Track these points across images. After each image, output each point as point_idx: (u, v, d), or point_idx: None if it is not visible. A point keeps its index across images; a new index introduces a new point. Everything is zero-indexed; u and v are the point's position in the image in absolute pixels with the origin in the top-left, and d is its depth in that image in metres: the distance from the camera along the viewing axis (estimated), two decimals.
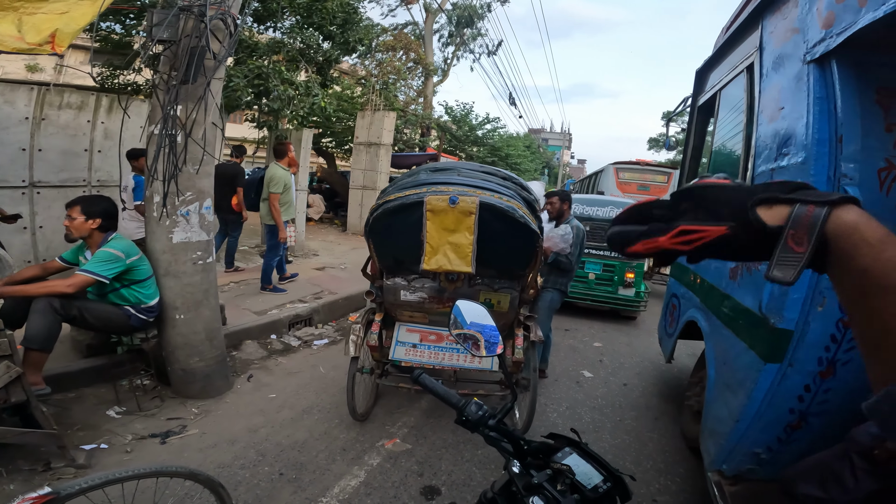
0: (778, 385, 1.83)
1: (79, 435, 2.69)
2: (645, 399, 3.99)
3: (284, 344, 4.44)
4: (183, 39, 2.92)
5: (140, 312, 2.98)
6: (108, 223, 2.94)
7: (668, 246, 0.45)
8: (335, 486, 2.50)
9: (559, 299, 3.89)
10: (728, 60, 2.98)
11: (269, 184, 5.22)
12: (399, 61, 17.81)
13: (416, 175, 2.82)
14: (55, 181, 4.74)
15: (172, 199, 3.02)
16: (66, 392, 3.03)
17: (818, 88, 1.76)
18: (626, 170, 11.67)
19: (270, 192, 5.19)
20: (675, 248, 0.45)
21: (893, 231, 0.39)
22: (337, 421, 3.15)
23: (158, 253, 3.12)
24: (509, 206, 2.50)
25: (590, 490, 0.90)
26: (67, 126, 4.81)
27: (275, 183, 5.22)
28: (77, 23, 2.98)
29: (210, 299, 3.30)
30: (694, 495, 2.66)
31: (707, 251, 0.45)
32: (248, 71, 6.39)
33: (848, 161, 1.69)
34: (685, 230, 0.44)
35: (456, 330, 1.21)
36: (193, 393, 3.26)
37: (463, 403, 1.05)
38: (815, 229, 0.38)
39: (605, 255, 6.16)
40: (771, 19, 2.30)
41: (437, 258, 2.52)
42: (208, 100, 2.99)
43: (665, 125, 5.55)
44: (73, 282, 2.71)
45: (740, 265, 2.27)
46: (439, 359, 3.05)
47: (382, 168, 10.33)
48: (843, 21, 1.62)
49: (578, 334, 5.72)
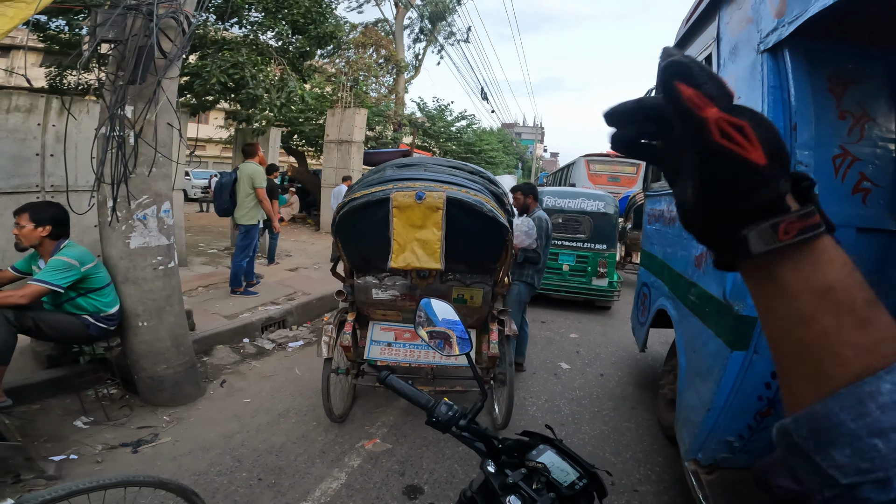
0: (745, 373, 1.87)
1: (46, 446, 2.61)
2: (621, 389, 4.07)
3: (258, 347, 4.35)
4: (130, 39, 2.80)
5: (99, 321, 2.86)
6: (59, 230, 2.81)
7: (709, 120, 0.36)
8: (316, 490, 2.47)
9: (527, 291, 3.89)
10: (688, 52, 3.03)
11: (254, 179, 5.21)
12: (370, 58, 17.61)
13: (382, 171, 2.78)
14: (6, 188, 4.51)
15: (126, 203, 2.91)
16: (29, 404, 2.92)
17: (772, 77, 1.80)
18: (597, 162, 11.86)
19: (256, 188, 5.21)
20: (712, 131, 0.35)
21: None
22: (315, 423, 3.10)
23: (115, 259, 3.00)
24: (477, 200, 2.49)
25: (566, 487, 0.90)
26: (16, 130, 4.57)
27: (258, 177, 5.25)
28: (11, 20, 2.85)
29: (174, 305, 3.20)
30: (673, 484, 2.72)
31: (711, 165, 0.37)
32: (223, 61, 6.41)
33: (803, 149, 1.74)
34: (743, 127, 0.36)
35: (427, 328, 1.19)
36: (163, 400, 3.16)
37: (432, 404, 1.03)
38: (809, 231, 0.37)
39: (579, 246, 6.25)
40: (727, 9, 2.34)
41: (405, 255, 2.49)
42: (161, 99, 2.88)
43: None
44: (25, 292, 2.59)
45: (704, 253, 2.32)
46: (415, 357, 3.03)
47: (354, 166, 10.22)
48: (795, 10, 1.65)
49: (554, 326, 5.79)
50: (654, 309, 3.36)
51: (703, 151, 0.37)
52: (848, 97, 1.77)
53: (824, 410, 0.35)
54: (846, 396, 0.34)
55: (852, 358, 0.35)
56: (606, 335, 5.60)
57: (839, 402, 0.34)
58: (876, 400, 0.33)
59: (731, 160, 0.36)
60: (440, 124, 18.49)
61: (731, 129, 0.36)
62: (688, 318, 2.51)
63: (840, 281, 0.37)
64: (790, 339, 0.39)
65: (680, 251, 2.79)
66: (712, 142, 0.36)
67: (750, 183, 0.37)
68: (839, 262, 0.37)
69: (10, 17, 2.80)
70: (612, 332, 5.75)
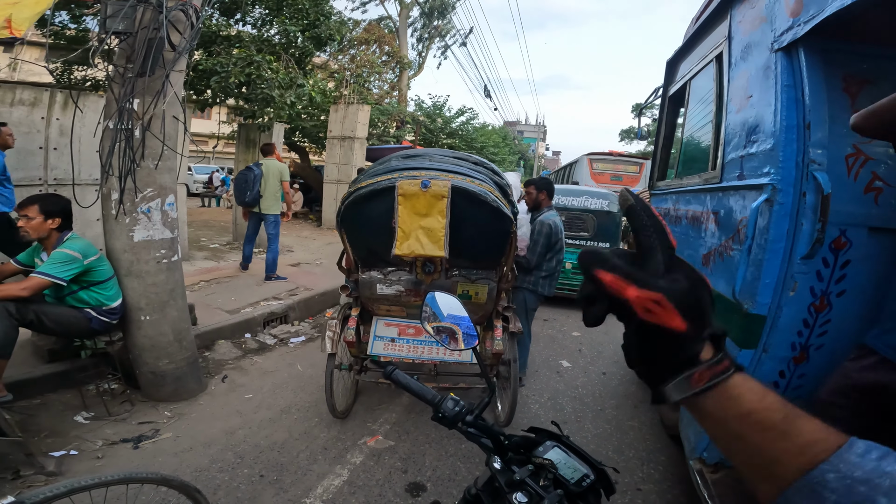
0: (753, 371, 1.85)
1: (46, 442, 2.60)
2: (624, 387, 4.05)
3: (260, 343, 4.34)
4: (140, 31, 2.79)
5: (102, 315, 2.85)
6: (66, 223, 2.81)
7: (630, 300, 0.43)
8: (318, 487, 2.46)
9: (533, 299, 3.69)
10: (698, 50, 3.01)
11: (283, 173, 5.91)
12: (373, 55, 17.56)
13: (387, 162, 2.78)
14: None
15: (131, 196, 2.90)
16: (30, 399, 2.91)
17: (786, 76, 1.78)
18: (600, 160, 11.83)
19: (283, 181, 5.91)
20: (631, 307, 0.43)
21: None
22: (317, 420, 3.09)
23: (119, 252, 2.99)
24: (481, 189, 2.48)
25: (573, 484, 0.88)
26: (21, 123, 4.58)
27: (286, 172, 5.99)
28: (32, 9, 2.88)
29: (177, 299, 3.19)
30: (677, 483, 2.71)
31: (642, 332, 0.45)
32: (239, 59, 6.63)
33: (816, 147, 1.71)
34: (662, 302, 0.42)
35: (433, 323, 1.17)
36: (165, 396, 3.16)
37: (438, 399, 1.01)
38: (721, 376, 0.45)
39: (582, 244, 6.23)
40: (739, 8, 2.32)
41: (409, 243, 2.49)
42: (168, 92, 2.87)
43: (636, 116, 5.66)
44: (27, 285, 2.58)
45: (712, 252, 2.30)
46: (419, 352, 3.02)
47: (357, 162, 10.20)
48: (811, 9, 1.63)
49: (556, 324, 5.78)
50: None
51: (633, 324, 0.46)
52: (863, 97, 1.75)
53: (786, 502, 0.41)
54: (801, 488, 0.40)
55: (791, 459, 0.41)
56: (609, 333, 5.57)
57: (797, 493, 0.40)
58: (826, 487, 0.38)
59: (656, 330, 0.44)
60: (439, 121, 18.42)
61: (651, 304, 0.43)
62: None
63: (755, 406, 0.44)
64: (736, 451, 0.46)
65: (686, 249, 2.77)
66: (637, 318, 0.44)
67: (671, 347, 0.45)
68: (752, 392, 0.45)
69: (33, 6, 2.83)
70: (613, 330, 5.71)
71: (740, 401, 0.44)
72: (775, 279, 1.76)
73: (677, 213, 3.07)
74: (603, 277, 0.44)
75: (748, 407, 0.44)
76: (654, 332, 0.44)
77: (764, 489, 0.45)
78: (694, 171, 2.90)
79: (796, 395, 1.87)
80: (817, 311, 1.76)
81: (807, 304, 1.76)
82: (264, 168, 5.77)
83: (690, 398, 0.45)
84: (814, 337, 1.79)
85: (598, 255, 0.45)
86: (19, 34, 2.86)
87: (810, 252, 1.70)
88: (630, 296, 0.43)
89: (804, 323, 1.78)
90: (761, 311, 1.80)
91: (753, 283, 1.81)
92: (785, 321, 1.78)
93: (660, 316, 0.43)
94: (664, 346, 0.45)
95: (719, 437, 0.47)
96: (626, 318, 0.46)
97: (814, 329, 1.78)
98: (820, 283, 1.74)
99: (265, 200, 5.78)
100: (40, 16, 2.97)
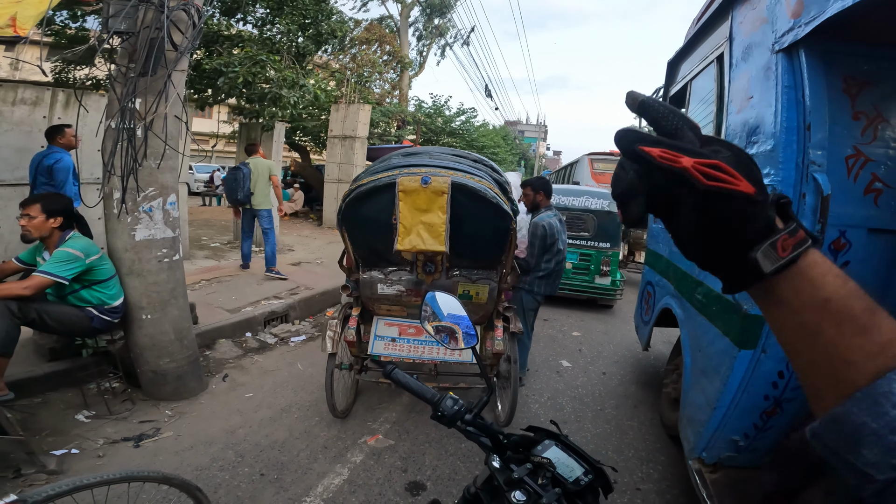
0: (752, 372, 1.86)
1: (48, 440, 2.60)
2: (623, 387, 4.06)
3: (260, 342, 4.35)
4: (142, 31, 2.79)
5: (103, 314, 2.86)
6: (68, 222, 2.82)
7: (689, 168, 0.38)
8: (318, 485, 2.47)
9: (530, 299, 3.65)
10: (699, 51, 3.02)
11: (271, 169, 6.12)
12: (374, 54, 17.55)
13: (388, 160, 2.79)
14: (10, 179, 4.52)
15: (133, 195, 2.90)
16: (31, 397, 2.91)
17: (786, 77, 1.79)
18: (601, 160, 11.79)
19: (272, 175, 6.10)
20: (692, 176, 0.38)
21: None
22: (317, 419, 3.10)
23: (120, 251, 3.00)
24: (481, 186, 2.49)
25: (571, 483, 0.89)
26: (22, 122, 4.59)
27: (274, 167, 6.21)
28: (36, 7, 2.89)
29: (178, 298, 3.20)
30: (676, 483, 2.71)
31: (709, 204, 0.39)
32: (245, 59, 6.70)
33: (816, 148, 1.72)
34: (722, 167, 0.38)
35: (433, 322, 1.17)
36: (165, 395, 3.16)
37: (438, 398, 1.02)
38: (801, 246, 0.40)
39: (582, 244, 6.23)
40: (741, 9, 2.32)
41: (410, 238, 2.50)
42: (170, 92, 2.88)
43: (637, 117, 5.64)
44: (30, 284, 2.58)
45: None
46: (419, 352, 3.02)
47: (358, 161, 10.20)
48: (812, 10, 1.64)
49: (557, 324, 5.78)
50: (658, 308, 3.34)
51: (697, 196, 0.39)
52: (863, 98, 1.76)
53: (844, 413, 0.37)
54: (862, 399, 0.36)
55: (863, 362, 0.37)
56: (609, 333, 5.58)
57: (856, 404, 0.36)
58: (891, 400, 0.34)
59: (725, 197, 0.38)
60: (439, 121, 18.41)
61: (711, 169, 0.38)
62: (694, 316, 2.50)
63: (835, 293, 0.39)
64: (803, 350, 0.41)
65: None
66: (702, 186, 0.38)
67: (746, 212, 0.39)
68: (831, 274, 0.40)
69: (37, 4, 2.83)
70: (614, 330, 5.74)
71: (820, 284, 0.40)
72: None
73: None
74: (651, 151, 0.39)
75: (828, 293, 0.39)
76: (721, 201, 0.39)
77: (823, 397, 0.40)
78: None
79: (796, 395, 1.88)
80: None
81: None
82: (252, 166, 5.97)
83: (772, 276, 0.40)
84: None
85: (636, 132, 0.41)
86: (23, 33, 2.87)
87: None
88: (687, 164, 0.38)
89: None
90: (760, 312, 1.80)
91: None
92: None
93: (726, 179, 0.38)
94: (737, 214, 0.39)
95: (789, 332, 0.42)
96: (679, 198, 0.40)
97: None
98: None
99: (256, 197, 6.01)
100: (44, 14, 2.97)
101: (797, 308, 0.41)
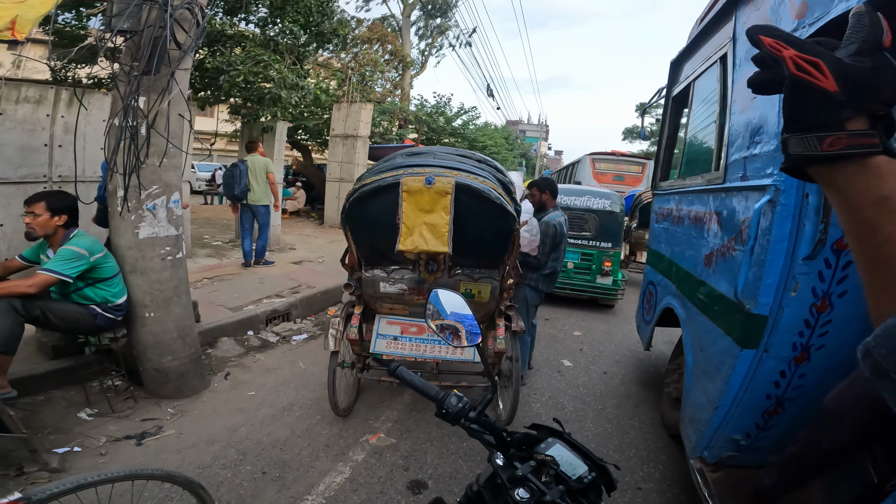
0: (754, 371, 1.86)
1: (50, 438, 2.61)
2: (625, 387, 4.06)
3: (262, 340, 4.36)
4: (146, 29, 2.80)
5: (107, 311, 2.87)
6: (73, 220, 2.83)
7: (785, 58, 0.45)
8: (320, 484, 2.47)
9: (534, 295, 3.71)
10: (702, 51, 3.02)
11: (268, 166, 6.37)
12: (376, 54, 17.54)
13: (392, 160, 2.80)
14: (14, 177, 4.52)
15: (136, 193, 2.91)
16: (33, 395, 2.93)
17: None
18: (602, 160, 11.80)
19: (269, 173, 6.36)
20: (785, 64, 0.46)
21: None
22: (319, 417, 3.11)
23: (124, 249, 3.00)
24: (485, 186, 2.49)
25: (575, 480, 0.89)
26: (25, 121, 4.60)
27: (271, 165, 6.45)
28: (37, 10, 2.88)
29: (181, 296, 3.21)
30: (677, 482, 2.71)
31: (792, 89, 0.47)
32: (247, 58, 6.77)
33: None
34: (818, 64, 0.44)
35: (436, 321, 1.18)
36: (168, 393, 3.17)
37: (442, 396, 1.02)
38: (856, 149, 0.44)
39: (584, 244, 6.23)
40: (744, 10, 2.32)
41: (412, 238, 2.50)
42: (173, 90, 2.88)
43: (640, 116, 5.69)
44: (34, 281, 2.59)
45: (715, 252, 2.31)
46: (421, 351, 3.03)
47: (359, 160, 10.20)
48: (816, 11, 1.64)
49: (558, 323, 5.78)
50: (660, 307, 3.34)
51: (785, 81, 0.48)
52: None
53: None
54: None
55: None
56: (610, 333, 5.58)
57: None
58: None
59: (804, 87, 0.46)
60: (441, 121, 18.39)
61: (805, 63, 0.45)
62: (696, 316, 2.50)
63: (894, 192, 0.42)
64: (863, 248, 0.45)
65: (688, 250, 2.78)
66: (790, 73, 0.46)
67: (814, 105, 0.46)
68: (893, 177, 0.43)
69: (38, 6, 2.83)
70: (615, 330, 5.74)
71: (878, 181, 0.43)
72: (777, 280, 1.77)
73: (680, 214, 3.07)
74: (764, 39, 0.47)
75: (886, 192, 0.42)
76: (804, 88, 0.46)
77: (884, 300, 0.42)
78: (697, 172, 2.90)
79: (798, 394, 1.88)
80: (819, 312, 1.76)
81: (808, 305, 1.76)
82: (249, 163, 6.20)
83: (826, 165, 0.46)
84: (815, 337, 1.79)
85: (766, 26, 0.48)
86: (21, 37, 2.86)
87: (812, 253, 1.70)
88: (786, 55, 0.45)
89: (805, 323, 1.78)
90: (763, 312, 1.81)
91: (755, 284, 1.82)
92: (786, 321, 1.79)
93: (811, 72, 0.45)
94: (810, 103, 0.46)
95: (850, 225, 0.46)
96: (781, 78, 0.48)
97: (815, 329, 1.78)
98: (822, 283, 1.75)
99: (254, 193, 6.26)
100: (45, 16, 2.97)
101: (855, 202, 0.44)
